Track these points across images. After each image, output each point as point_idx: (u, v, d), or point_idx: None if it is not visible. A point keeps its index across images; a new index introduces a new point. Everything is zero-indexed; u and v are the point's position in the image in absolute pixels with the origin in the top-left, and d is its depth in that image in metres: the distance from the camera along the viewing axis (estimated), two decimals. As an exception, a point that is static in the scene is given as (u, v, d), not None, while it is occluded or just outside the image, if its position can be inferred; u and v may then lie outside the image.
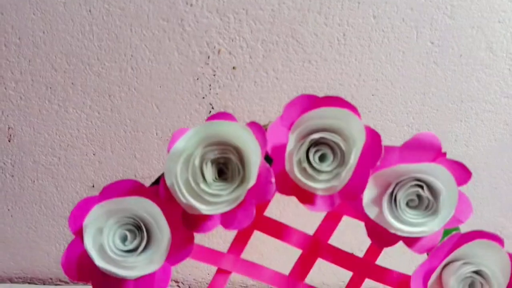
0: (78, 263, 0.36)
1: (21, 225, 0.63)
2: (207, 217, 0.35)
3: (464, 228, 0.37)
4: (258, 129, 0.35)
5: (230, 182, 0.34)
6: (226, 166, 0.35)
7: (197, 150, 0.34)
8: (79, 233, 0.36)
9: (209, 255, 0.42)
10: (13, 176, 0.61)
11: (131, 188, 0.36)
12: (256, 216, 0.42)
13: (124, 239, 0.35)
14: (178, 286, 0.66)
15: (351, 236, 0.52)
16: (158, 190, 0.36)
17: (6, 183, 0.61)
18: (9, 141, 0.58)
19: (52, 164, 0.60)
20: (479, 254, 0.36)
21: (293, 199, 0.36)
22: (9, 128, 0.58)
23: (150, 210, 0.35)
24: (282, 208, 0.60)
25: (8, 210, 0.62)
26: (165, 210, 0.36)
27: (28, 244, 0.65)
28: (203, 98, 0.58)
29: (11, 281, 0.67)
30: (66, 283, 0.67)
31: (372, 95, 0.61)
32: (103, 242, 0.34)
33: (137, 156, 0.61)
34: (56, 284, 0.67)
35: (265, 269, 0.42)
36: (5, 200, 0.62)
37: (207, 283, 0.65)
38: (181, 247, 0.36)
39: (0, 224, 0.63)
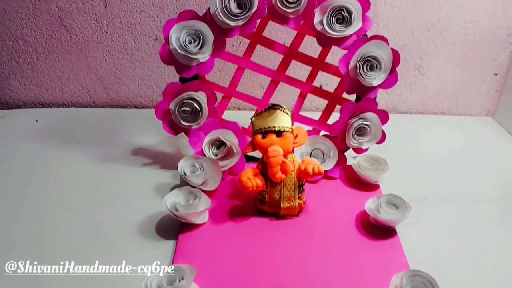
0: (168, 57, 0.70)
1: (111, 67, 0.97)
2: (231, 29, 0.68)
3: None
4: (257, -20, 0.67)
5: (244, 9, 0.67)
6: (241, 2, 0.67)
7: (226, -9, 0.66)
8: (167, 39, 0.69)
9: (232, 57, 0.75)
10: (107, 32, 0.94)
11: (193, 15, 0.69)
12: (258, 35, 0.75)
13: (190, 42, 0.69)
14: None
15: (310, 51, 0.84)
16: (206, 16, 0.69)
17: (102, 37, 0.94)
18: (105, 8, 0.90)
19: (131, 24, 0.92)
20: (375, 48, 0.69)
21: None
22: (105, -1, 0.90)
23: (203, 27, 0.68)
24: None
25: (103, 56, 0.96)
26: (210, 27, 0.69)
27: (115, 81, 0.99)
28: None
29: (103, 107, 1.03)
30: (139, 108, 1.02)
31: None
32: (181, 42, 0.68)
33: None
34: (132, 108, 1.02)
35: (262, 66, 0.76)
36: (101, 49, 0.95)
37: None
38: (218, 48, 0.70)
39: (97, 66, 0.97)
